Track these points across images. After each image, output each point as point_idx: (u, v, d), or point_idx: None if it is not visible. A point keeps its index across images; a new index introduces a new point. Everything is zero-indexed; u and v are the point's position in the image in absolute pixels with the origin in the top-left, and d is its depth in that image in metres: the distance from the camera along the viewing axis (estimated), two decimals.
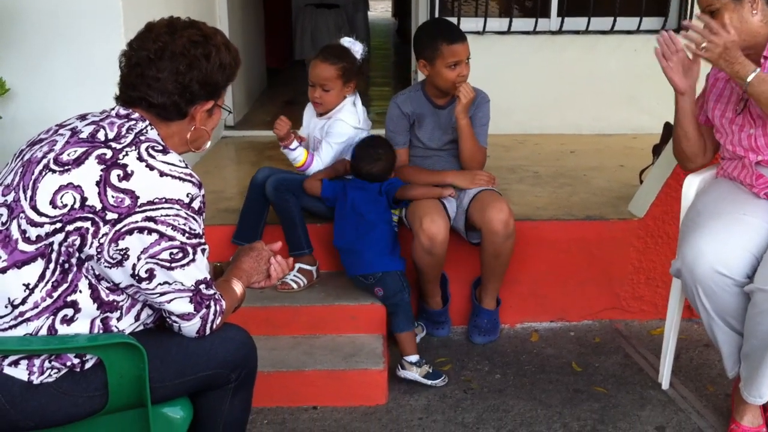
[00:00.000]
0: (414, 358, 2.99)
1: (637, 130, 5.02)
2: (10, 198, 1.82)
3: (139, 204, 1.75)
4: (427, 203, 3.12)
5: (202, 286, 1.87)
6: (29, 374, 1.78)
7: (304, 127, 3.43)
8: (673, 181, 3.30)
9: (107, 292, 1.83)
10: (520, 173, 4.21)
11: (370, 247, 3.03)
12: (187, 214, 1.80)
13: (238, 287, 2.06)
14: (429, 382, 2.97)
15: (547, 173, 4.23)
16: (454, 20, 4.95)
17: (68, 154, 1.80)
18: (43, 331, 1.79)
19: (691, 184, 2.81)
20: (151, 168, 1.78)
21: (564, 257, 3.46)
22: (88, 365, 1.83)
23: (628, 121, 5.15)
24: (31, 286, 1.77)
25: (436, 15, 5.12)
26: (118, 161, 1.78)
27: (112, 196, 1.74)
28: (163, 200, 1.77)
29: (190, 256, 1.82)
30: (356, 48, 3.31)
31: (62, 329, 1.81)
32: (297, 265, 3.17)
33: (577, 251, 3.46)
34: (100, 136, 1.83)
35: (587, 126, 5.21)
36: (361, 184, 3.12)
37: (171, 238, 1.78)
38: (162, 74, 1.86)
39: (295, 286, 3.16)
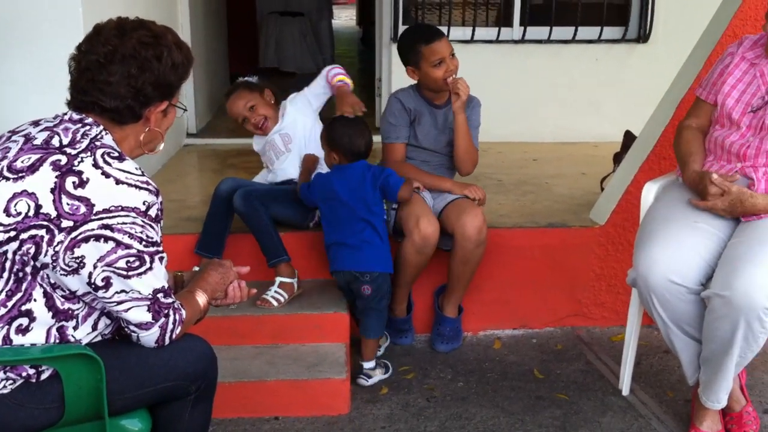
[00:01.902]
0: (372, 363, 3.05)
1: (598, 138, 5.08)
2: None
3: (95, 212, 1.72)
4: (422, 205, 3.13)
5: (160, 295, 1.85)
6: None
7: (258, 151, 3.48)
8: (633, 188, 3.34)
9: (63, 300, 1.80)
10: (483, 181, 4.22)
11: (369, 244, 2.97)
12: (144, 222, 1.77)
13: (201, 299, 2.03)
14: (386, 375, 3.08)
15: (511, 181, 4.26)
16: None
17: (22, 161, 1.77)
18: None
19: (650, 191, 2.85)
20: (107, 175, 1.76)
21: (527, 264, 3.48)
22: (44, 376, 1.80)
23: (590, 129, 5.20)
24: None
25: (400, 23, 5.14)
26: (74, 168, 1.75)
27: (68, 204, 1.72)
28: (120, 208, 1.74)
29: (147, 265, 1.80)
30: (249, 79, 3.44)
31: (17, 339, 1.77)
32: (277, 280, 3.12)
33: (539, 258, 3.48)
34: (55, 142, 1.80)
35: (550, 134, 5.26)
36: (344, 173, 3.00)
37: (127, 246, 1.75)
38: (113, 78, 1.83)
39: (275, 303, 3.08)
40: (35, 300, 1.77)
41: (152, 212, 1.80)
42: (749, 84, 2.65)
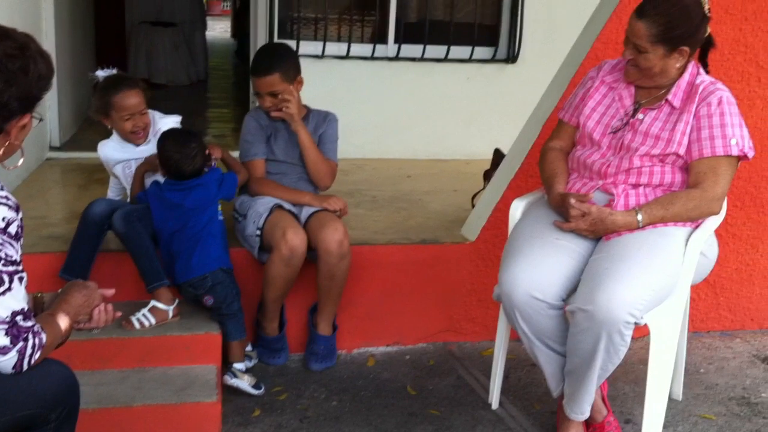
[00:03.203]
0: (242, 365, 3.01)
1: (470, 155, 5.20)
2: None
3: None
4: (288, 216, 3.15)
5: (18, 318, 1.76)
6: None
7: (110, 161, 3.26)
8: (502, 205, 3.43)
9: None
10: (357, 197, 4.24)
11: (201, 249, 2.97)
12: (2, 239, 1.69)
13: (63, 322, 1.94)
14: (255, 391, 3.00)
15: (385, 197, 4.29)
16: (293, 43, 4.97)
17: None
18: None
19: (517, 209, 2.93)
20: None
21: (400, 281, 3.51)
22: None
23: (462, 146, 5.33)
24: None
25: (275, 37, 5.11)
26: None
27: None
28: None
29: (6, 285, 1.72)
30: (113, 71, 3.26)
31: None
32: (151, 303, 3.01)
33: (413, 275, 3.52)
34: None
35: (423, 151, 5.35)
36: (178, 186, 3.00)
37: None
38: None
39: (137, 326, 2.96)
40: None
41: (12, 229, 1.72)
42: (609, 106, 2.78)
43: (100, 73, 3.22)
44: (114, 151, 3.25)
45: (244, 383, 3.00)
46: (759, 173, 3.63)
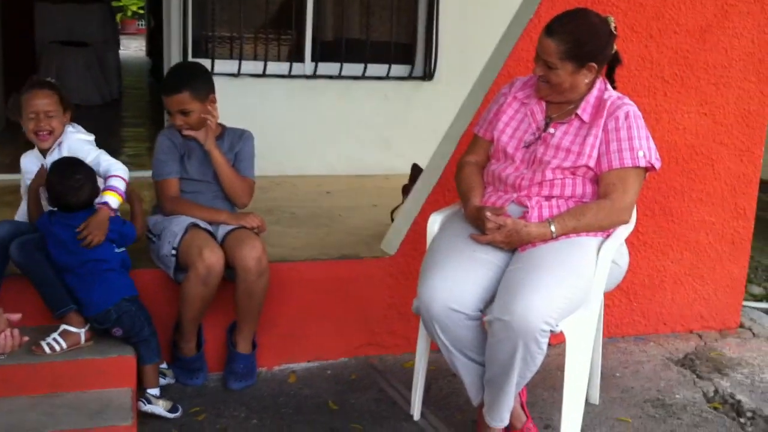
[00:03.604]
0: (157, 391, 2.96)
1: (389, 170, 5.23)
2: None
3: None
4: (204, 234, 3.11)
5: None
6: None
7: (26, 175, 3.16)
8: (421, 219, 3.45)
9: None
10: (277, 214, 4.21)
11: (100, 284, 2.88)
12: None
13: None
14: (172, 415, 2.94)
15: (304, 214, 4.28)
16: (207, 62, 4.93)
17: None
18: None
19: (434, 222, 2.96)
20: None
21: (320, 296, 3.49)
22: None
23: (381, 162, 5.35)
24: None
25: (189, 56, 5.05)
26: None
27: None
28: None
29: None
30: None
31: None
32: (62, 327, 2.91)
33: (333, 290, 3.50)
34: None
35: (343, 167, 5.36)
36: (67, 220, 2.89)
37: None
38: None
39: (47, 350, 2.85)
40: None
41: None
42: (521, 121, 2.84)
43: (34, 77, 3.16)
44: (31, 164, 3.15)
45: (159, 408, 2.93)
46: (667, 183, 3.76)
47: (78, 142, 3.11)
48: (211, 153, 3.23)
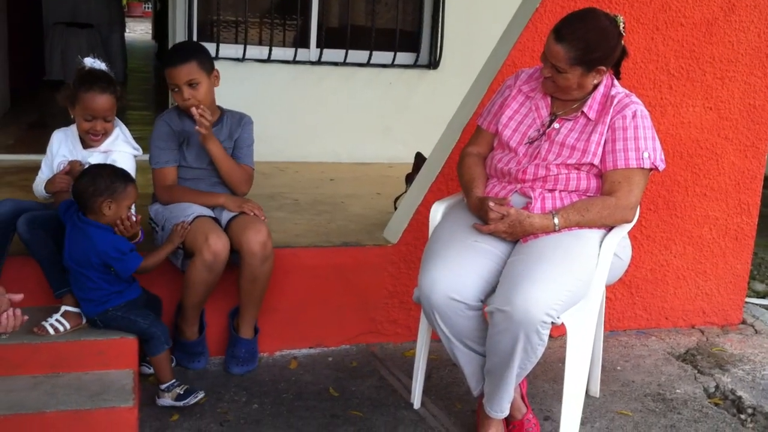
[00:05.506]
0: (165, 384, 2.93)
1: (392, 159, 5.23)
2: None
3: None
4: (209, 221, 3.09)
5: None
6: None
7: (56, 156, 3.12)
8: (423, 208, 3.45)
9: None
10: (279, 200, 4.21)
11: (85, 294, 2.87)
12: None
13: None
14: (181, 403, 2.90)
15: (306, 200, 4.27)
16: (212, 46, 4.92)
17: None
18: None
19: (437, 211, 2.96)
20: None
21: (322, 283, 3.49)
22: None
23: (384, 150, 5.35)
24: None
25: (195, 39, 5.04)
26: None
27: None
28: None
29: None
30: (102, 67, 3.12)
31: None
32: (62, 308, 2.91)
33: (334, 277, 3.51)
34: None
35: (346, 154, 5.35)
36: (79, 231, 2.83)
37: None
38: None
39: (51, 331, 2.85)
40: None
41: None
42: (525, 116, 2.83)
43: (88, 61, 3.11)
44: (65, 147, 3.11)
45: (168, 401, 2.90)
46: (671, 178, 3.76)
47: (123, 157, 3.06)
48: (208, 149, 3.16)
